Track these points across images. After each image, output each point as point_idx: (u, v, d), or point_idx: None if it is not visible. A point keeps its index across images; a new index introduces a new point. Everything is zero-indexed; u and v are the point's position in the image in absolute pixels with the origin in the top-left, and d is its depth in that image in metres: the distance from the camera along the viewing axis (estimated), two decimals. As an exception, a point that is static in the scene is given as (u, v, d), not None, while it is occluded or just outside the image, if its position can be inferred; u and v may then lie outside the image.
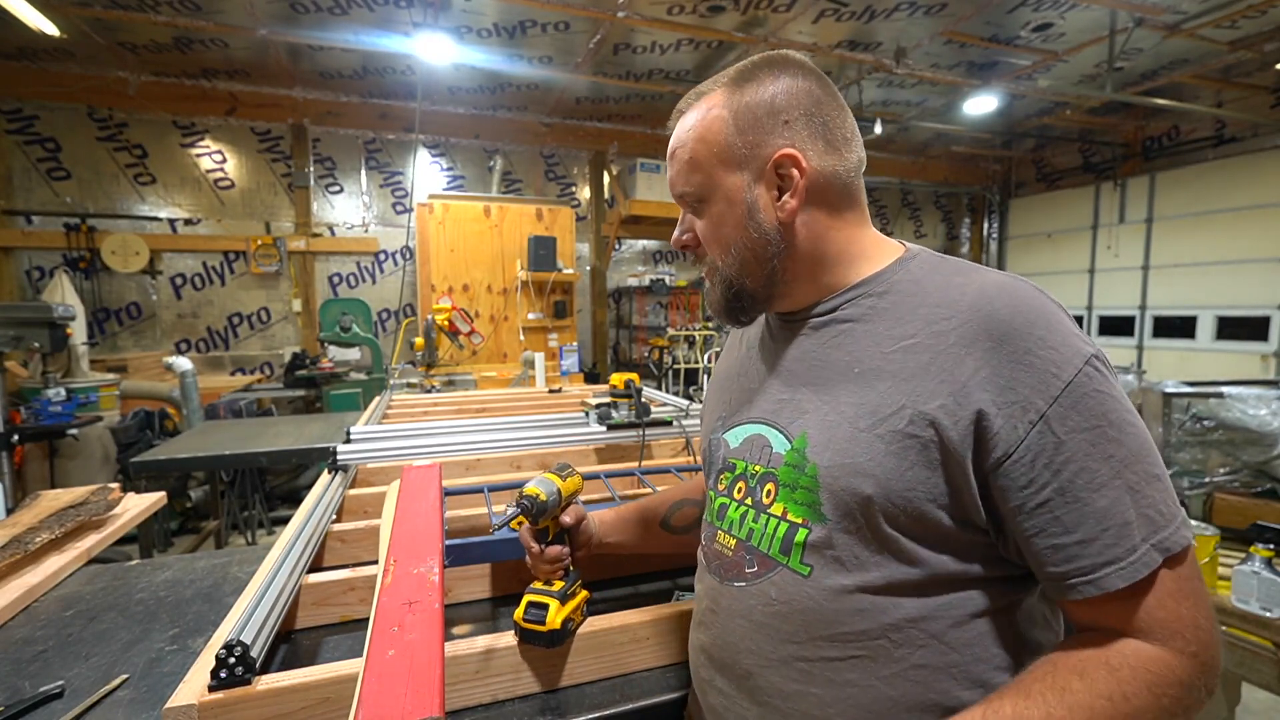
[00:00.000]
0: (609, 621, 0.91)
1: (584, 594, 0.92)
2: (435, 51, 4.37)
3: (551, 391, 3.02)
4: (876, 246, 0.73)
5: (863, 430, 0.63)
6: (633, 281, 7.03)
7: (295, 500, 4.78)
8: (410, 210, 6.10)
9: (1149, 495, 0.56)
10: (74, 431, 3.75)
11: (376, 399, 2.70)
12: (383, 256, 6.16)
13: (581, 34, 4.59)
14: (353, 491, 1.48)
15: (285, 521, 1.78)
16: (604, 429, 1.77)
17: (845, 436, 0.64)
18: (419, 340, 3.92)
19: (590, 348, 7.06)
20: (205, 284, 5.65)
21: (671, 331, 6.87)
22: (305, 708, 0.75)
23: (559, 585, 0.88)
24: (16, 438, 3.44)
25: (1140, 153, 7.05)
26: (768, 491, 0.70)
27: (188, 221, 5.56)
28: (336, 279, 6.06)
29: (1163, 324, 6.84)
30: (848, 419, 0.64)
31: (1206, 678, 0.55)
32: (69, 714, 0.80)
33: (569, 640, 0.87)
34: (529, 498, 0.87)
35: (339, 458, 1.51)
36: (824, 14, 4.35)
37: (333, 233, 6.00)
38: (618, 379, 1.82)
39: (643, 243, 7.31)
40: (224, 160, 5.65)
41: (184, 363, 4.38)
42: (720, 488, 0.77)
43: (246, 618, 0.81)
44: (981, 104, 5.74)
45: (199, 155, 5.57)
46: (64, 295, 4.63)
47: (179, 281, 5.57)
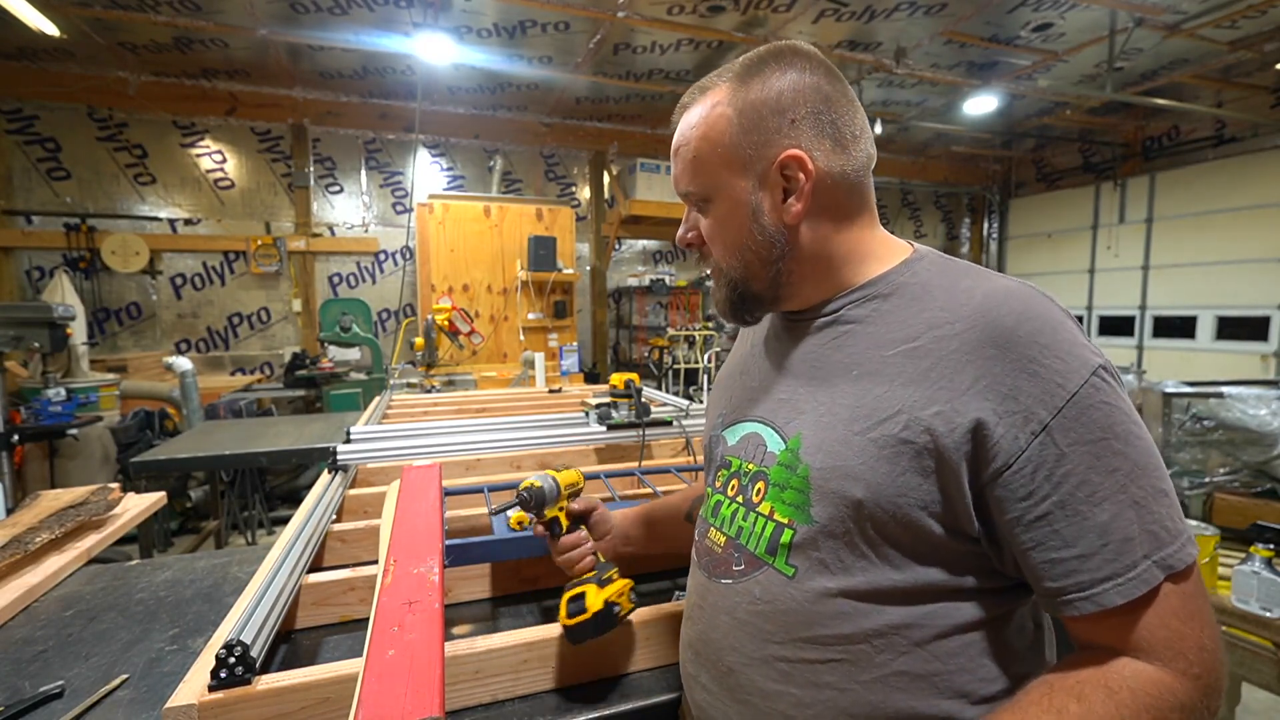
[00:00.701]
0: (609, 621, 0.91)
1: (626, 581, 0.89)
2: (435, 51, 4.37)
3: (551, 391, 3.03)
4: (884, 246, 0.71)
5: (857, 433, 0.62)
6: (633, 281, 7.03)
7: (295, 500, 4.78)
8: (410, 210, 6.10)
9: (1154, 511, 0.54)
10: (74, 431, 3.75)
11: (376, 399, 2.70)
12: (383, 256, 6.16)
13: (581, 34, 4.60)
14: (353, 491, 1.48)
15: (285, 521, 1.78)
16: (604, 429, 1.77)
17: (839, 439, 0.63)
18: (419, 340, 3.92)
19: (590, 348, 7.06)
20: (205, 284, 5.65)
21: (671, 331, 6.87)
22: (305, 708, 0.75)
23: (590, 575, 0.88)
24: (16, 438, 3.44)
25: (1140, 153, 7.04)
26: (758, 490, 0.69)
27: (188, 221, 5.56)
28: (336, 279, 6.06)
29: (1163, 324, 6.84)
30: (843, 421, 0.63)
31: (1209, 700, 0.53)
32: (69, 714, 0.80)
33: (622, 627, 0.86)
34: (526, 489, 0.87)
35: (339, 458, 1.51)
36: (824, 14, 4.36)
37: (333, 233, 6.00)
38: (618, 379, 1.82)
39: (643, 243, 7.31)
40: (224, 160, 5.65)
41: (184, 363, 4.37)
42: (717, 484, 0.77)
43: (246, 618, 0.81)
44: (981, 104, 5.74)
45: (199, 155, 5.57)
46: (64, 295, 4.62)
47: (179, 281, 5.57)
